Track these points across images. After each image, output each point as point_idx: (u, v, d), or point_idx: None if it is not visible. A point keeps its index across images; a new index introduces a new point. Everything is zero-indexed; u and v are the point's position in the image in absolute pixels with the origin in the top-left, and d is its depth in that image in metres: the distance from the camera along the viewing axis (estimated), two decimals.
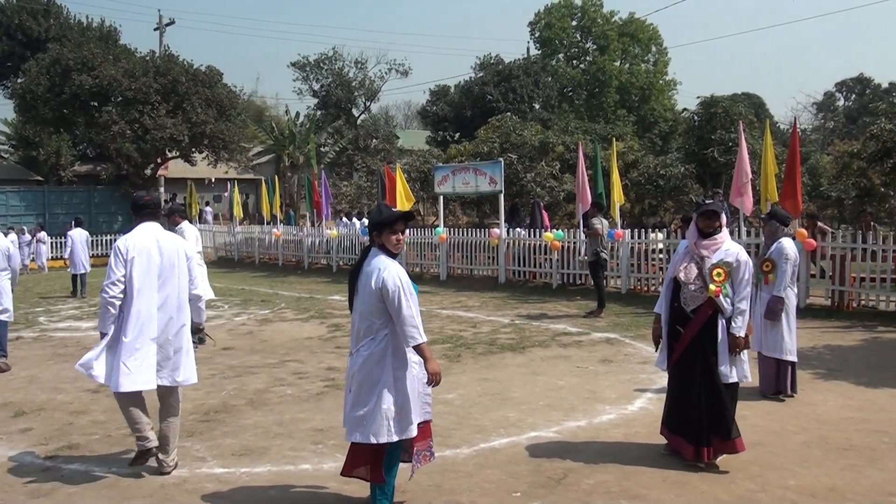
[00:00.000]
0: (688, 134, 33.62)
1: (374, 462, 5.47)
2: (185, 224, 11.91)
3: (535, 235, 20.56)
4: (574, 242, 19.39)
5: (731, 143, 29.08)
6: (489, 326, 14.13)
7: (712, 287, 6.43)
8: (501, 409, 8.43)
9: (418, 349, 5.35)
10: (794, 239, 14.40)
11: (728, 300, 6.45)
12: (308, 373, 10.44)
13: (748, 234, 16.18)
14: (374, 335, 5.37)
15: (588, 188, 18.77)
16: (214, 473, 6.53)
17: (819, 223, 17.24)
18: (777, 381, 8.89)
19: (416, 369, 5.51)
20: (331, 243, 26.85)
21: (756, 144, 25.83)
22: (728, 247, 6.57)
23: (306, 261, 27.72)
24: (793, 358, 8.86)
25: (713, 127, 31.03)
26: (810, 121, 69.26)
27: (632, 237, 18.35)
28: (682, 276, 6.56)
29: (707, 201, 6.69)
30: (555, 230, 20.58)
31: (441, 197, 23.09)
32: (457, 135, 48.24)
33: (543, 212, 23.85)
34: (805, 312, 14.05)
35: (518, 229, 21.84)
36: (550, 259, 19.88)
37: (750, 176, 15.96)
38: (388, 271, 5.34)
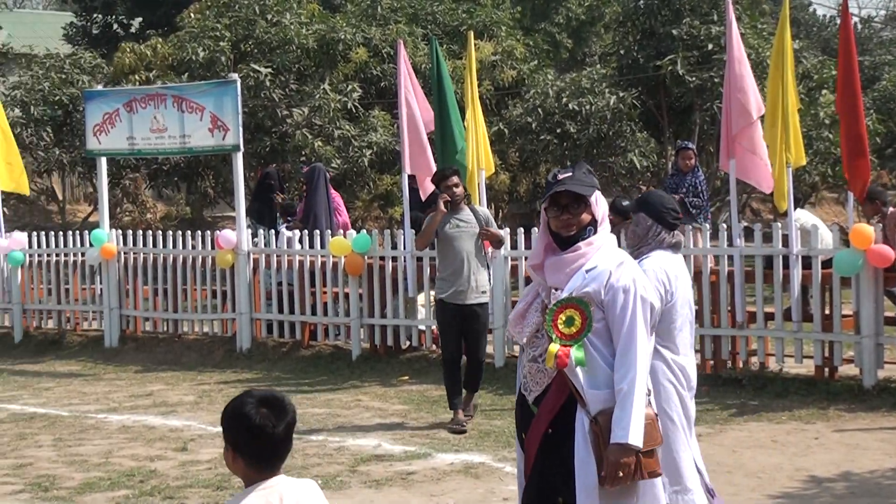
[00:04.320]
0: (622, 28, 19.15)
1: None
2: None
3: (314, 243, 10.67)
4: (405, 257, 10.09)
5: (710, 46, 16.42)
6: (215, 447, 7.51)
7: (553, 348, 3.31)
8: None
9: None
10: (847, 244, 7.78)
11: (598, 372, 3.31)
12: None
13: (743, 235, 8.63)
14: None
15: (424, 135, 10.03)
16: None
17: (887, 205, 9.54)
18: None
19: None
20: None
21: (763, 47, 15.46)
22: (597, 262, 3.39)
23: None
24: None
25: (674, 11, 17.35)
26: (884, 2, 40.40)
27: (512, 247, 9.60)
28: (515, 331, 3.58)
29: (560, 176, 3.44)
30: (351, 231, 10.81)
31: (103, 161, 12.46)
32: (135, 21, 28.53)
33: (333, 191, 12.80)
34: (879, 398, 7.75)
35: (284, 229, 11.68)
36: (344, 296, 10.59)
37: (762, 110, 8.53)
38: None
